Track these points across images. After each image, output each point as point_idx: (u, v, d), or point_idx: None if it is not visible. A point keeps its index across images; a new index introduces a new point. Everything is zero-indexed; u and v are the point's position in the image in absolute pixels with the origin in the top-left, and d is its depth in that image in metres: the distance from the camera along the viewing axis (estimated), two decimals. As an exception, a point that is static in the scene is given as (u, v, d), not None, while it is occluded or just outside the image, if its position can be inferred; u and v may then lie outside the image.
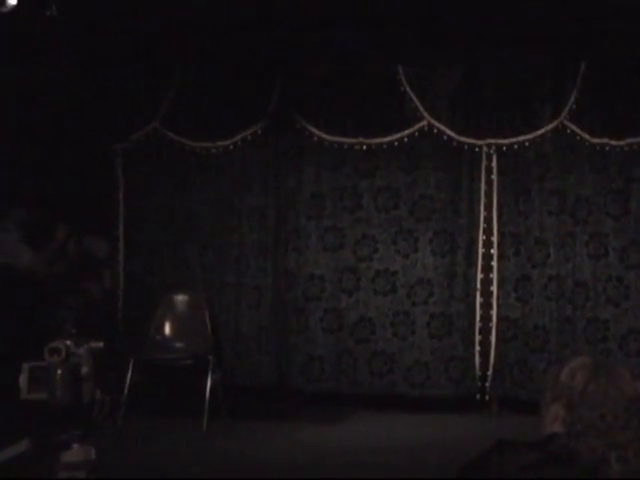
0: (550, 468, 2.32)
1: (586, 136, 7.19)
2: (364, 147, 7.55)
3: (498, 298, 7.39)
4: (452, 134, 7.40)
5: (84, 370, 2.34)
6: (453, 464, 2.61)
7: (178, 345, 7.39)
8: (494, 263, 7.40)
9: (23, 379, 2.32)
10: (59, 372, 2.29)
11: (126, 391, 6.84)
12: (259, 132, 7.65)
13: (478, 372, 7.40)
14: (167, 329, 7.45)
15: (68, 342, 2.33)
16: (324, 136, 7.55)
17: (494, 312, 7.39)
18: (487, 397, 7.39)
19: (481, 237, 7.43)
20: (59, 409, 2.27)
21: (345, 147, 7.57)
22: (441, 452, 5.94)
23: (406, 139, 7.47)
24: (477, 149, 7.41)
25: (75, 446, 2.28)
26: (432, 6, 6.86)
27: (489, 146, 7.39)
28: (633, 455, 2.25)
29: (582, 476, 2.28)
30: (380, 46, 7.30)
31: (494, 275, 7.39)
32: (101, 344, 2.42)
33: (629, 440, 2.25)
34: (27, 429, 2.36)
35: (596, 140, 7.18)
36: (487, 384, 7.39)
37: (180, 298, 7.58)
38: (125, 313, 7.85)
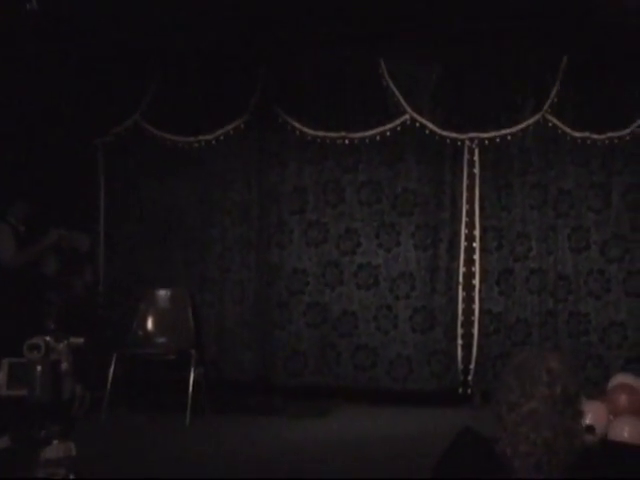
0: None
1: (567, 130, 7.25)
2: (346, 141, 7.56)
3: (480, 292, 7.42)
4: (434, 128, 7.42)
5: (64, 366, 2.32)
6: (435, 457, 2.63)
7: (161, 340, 7.38)
8: (476, 257, 7.43)
9: (2, 375, 2.31)
10: (39, 368, 2.28)
11: (109, 386, 6.82)
12: (241, 127, 7.65)
13: (460, 365, 7.44)
14: (149, 324, 7.44)
15: (48, 338, 2.32)
16: (306, 130, 7.56)
17: (476, 306, 7.43)
18: (469, 390, 7.43)
19: (463, 231, 7.46)
20: (39, 405, 2.26)
21: (327, 141, 7.58)
22: (423, 445, 5.94)
23: (388, 133, 7.49)
24: (459, 143, 7.44)
25: (55, 442, 2.27)
26: (414, 1, 6.86)
27: (471, 140, 7.42)
28: (526, 450, 2.28)
29: (489, 466, 2.33)
30: (362, 41, 7.30)
31: (476, 269, 7.43)
32: (81, 340, 2.41)
33: (525, 434, 2.28)
34: (6, 426, 2.35)
35: (577, 134, 7.24)
36: (469, 377, 7.43)
37: (162, 293, 7.57)
38: (107, 308, 7.82)
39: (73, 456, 2.29)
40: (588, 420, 5.78)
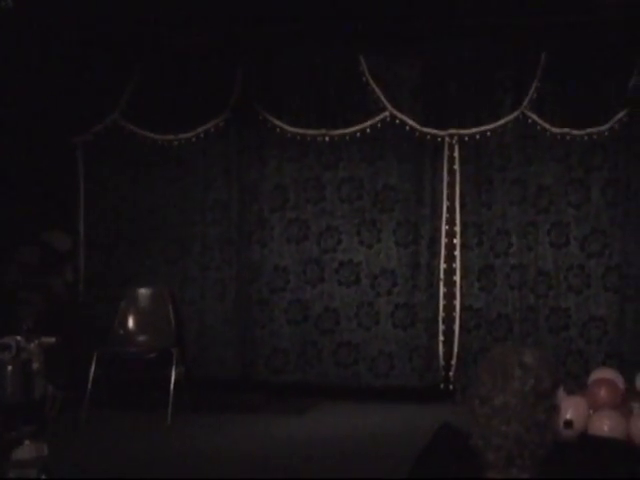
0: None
1: (547, 126, 7.26)
2: (327, 138, 7.55)
3: (461, 288, 7.43)
4: (414, 125, 7.42)
5: (35, 366, 2.31)
6: (416, 453, 2.64)
7: (142, 339, 7.35)
8: (457, 253, 7.44)
9: (-28, 376, 2.30)
10: (9, 368, 2.26)
11: (89, 385, 6.80)
12: (221, 124, 7.63)
13: (442, 362, 7.46)
14: (130, 323, 7.42)
15: (19, 338, 2.30)
16: (286, 128, 7.55)
17: (457, 302, 7.44)
18: (451, 386, 7.45)
19: (444, 227, 7.47)
20: (9, 406, 2.25)
21: (308, 138, 7.57)
22: (405, 441, 5.94)
23: (369, 130, 7.48)
24: (439, 139, 7.44)
25: (26, 443, 2.26)
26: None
27: (451, 136, 7.43)
28: (497, 443, 2.30)
29: (465, 460, 2.35)
30: (342, 37, 7.30)
31: (457, 265, 7.44)
32: (53, 340, 2.39)
33: (495, 429, 2.30)
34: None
35: (557, 130, 7.25)
36: (451, 373, 7.45)
37: (143, 292, 7.55)
38: (87, 307, 7.79)
39: (45, 456, 2.28)
40: (568, 415, 5.81)
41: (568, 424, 5.74)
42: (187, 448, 6.24)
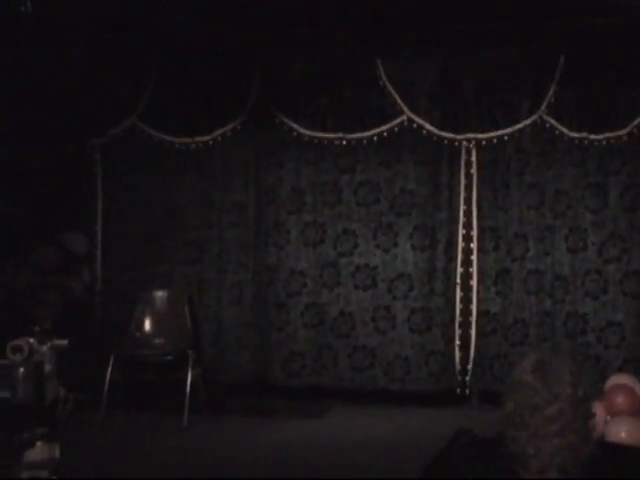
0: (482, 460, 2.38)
1: (565, 130, 7.23)
2: (344, 142, 7.56)
3: (478, 292, 7.41)
4: (431, 128, 7.41)
5: (47, 368, 2.32)
6: (432, 458, 2.63)
7: (158, 341, 7.37)
8: (474, 257, 7.42)
9: (-16, 378, 2.31)
10: (21, 370, 2.27)
11: (106, 387, 6.83)
12: (239, 127, 7.65)
13: (458, 366, 7.43)
14: (147, 325, 7.44)
15: (31, 340, 2.32)
16: (303, 131, 7.55)
17: (474, 306, 7.41)
18: (467, 391, 7.42)
19: (461, 231, 7.45)
20: (22, 408, 2.26)
21: (325, 142, 7.57)
22: (421, 446, 5.92)
23: (386, 134, 7.48)
24: (456, 143, 7.43)
25: (38, 444, 2.27)
26: (411, 1, 6.85)
27: (468, 140, 7.41)
28: (551, 450, 2.27)
29: (502, 466, 2.32)
30: (360, 41, 7.29)
31: (474, 269, 7.41)
32: (65, 342, 2.41)
33: (551, 435, 2.28)
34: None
35: (575, 134, 7.21)
36: (467, 378, 7.42)
37: (160, 294, 7.57)
38: (104, 309, 7.82)
39: (56, 458, 2.29)
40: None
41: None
42: (203, 451, 6.25)
